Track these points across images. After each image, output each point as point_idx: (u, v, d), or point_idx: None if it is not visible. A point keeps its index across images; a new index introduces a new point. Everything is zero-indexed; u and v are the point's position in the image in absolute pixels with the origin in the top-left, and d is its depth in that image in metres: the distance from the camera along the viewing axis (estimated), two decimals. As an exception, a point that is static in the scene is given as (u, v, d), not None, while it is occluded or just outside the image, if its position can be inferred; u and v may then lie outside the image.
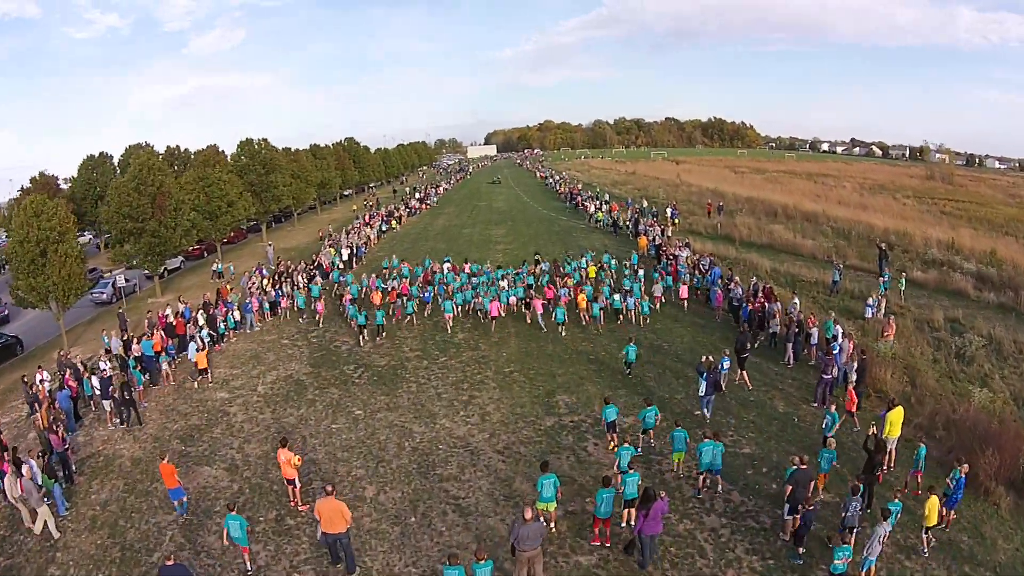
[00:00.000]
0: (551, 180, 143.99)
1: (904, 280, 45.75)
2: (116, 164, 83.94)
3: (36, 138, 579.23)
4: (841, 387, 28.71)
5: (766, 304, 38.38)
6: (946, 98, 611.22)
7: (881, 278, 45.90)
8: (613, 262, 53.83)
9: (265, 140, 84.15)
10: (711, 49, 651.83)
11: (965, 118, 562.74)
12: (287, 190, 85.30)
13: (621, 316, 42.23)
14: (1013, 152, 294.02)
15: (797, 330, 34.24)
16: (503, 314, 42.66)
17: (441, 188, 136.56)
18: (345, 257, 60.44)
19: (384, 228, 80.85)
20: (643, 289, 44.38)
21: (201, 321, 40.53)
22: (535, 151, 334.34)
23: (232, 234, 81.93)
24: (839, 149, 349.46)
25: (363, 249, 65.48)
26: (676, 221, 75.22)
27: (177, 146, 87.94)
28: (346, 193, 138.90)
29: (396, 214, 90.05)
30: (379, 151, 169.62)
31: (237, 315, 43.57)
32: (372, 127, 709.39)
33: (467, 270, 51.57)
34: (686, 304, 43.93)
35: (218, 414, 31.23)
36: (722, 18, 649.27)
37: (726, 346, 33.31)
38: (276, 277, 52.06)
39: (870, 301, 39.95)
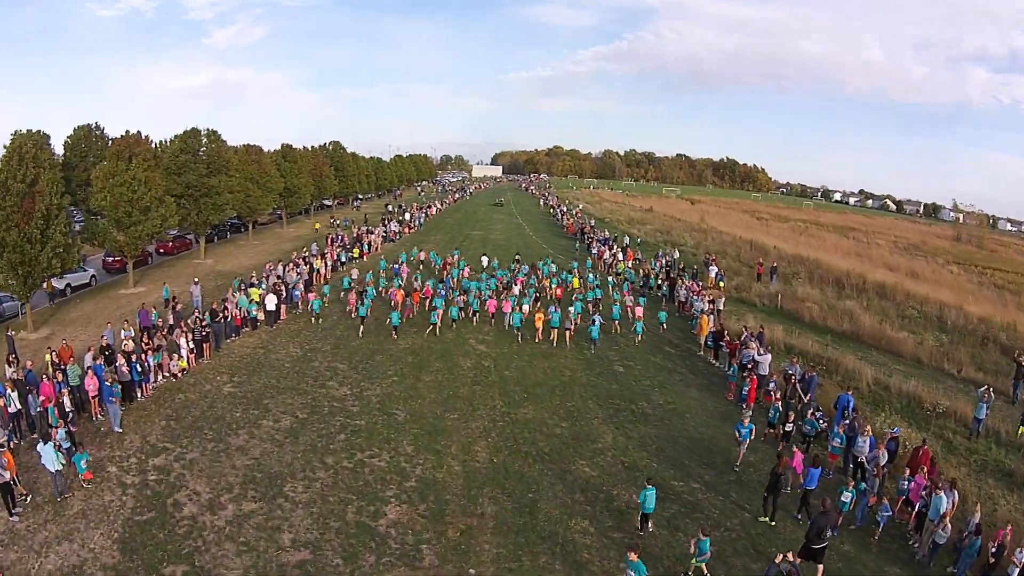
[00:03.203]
0: (557, 212, 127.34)
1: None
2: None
3: (46, 113, 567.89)
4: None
5: (932, 488, 22.46)
6: (952, 157, 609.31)
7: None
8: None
9: (214, 132, 67.53)
10: (725, 94, 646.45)
11: (970, 178, 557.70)
12: (234, 197, 68.66)
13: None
14: (1017, 214, 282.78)
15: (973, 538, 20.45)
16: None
17: (433, 209, 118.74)
18: (271, 306, 43.46)
19: (344, 259, 63.95)
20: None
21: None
22: (541, 176, 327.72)
23: (169, 245, 68.81)
24: (852, 200, 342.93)
25: (296, 293, 47.79)
26: (722, 284, 59.50)
27: (94, 124, 69.30)
28: (326, 203, 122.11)
29: (365, 240, 73.01)
30: (372, 159, 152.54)
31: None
32: (380, 136, 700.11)
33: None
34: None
35: None
36: (738, 66, 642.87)
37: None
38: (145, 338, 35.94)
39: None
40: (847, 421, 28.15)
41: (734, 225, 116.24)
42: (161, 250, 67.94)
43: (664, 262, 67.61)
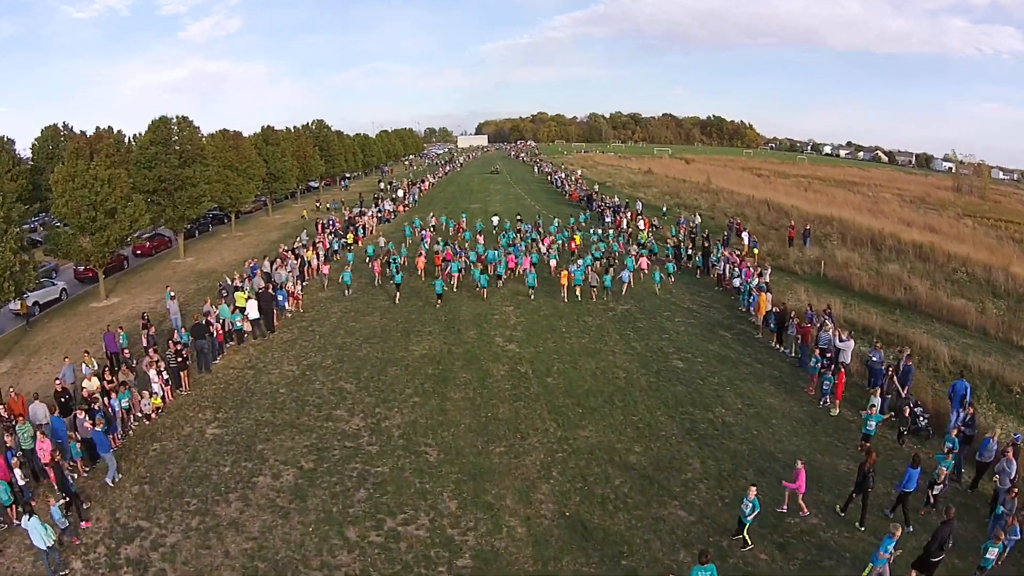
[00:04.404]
0: (556, 178, 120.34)
1: None
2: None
3: (30, 116, 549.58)
4: None
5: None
6: (937, 107, 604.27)
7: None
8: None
9: (185, 119, 60.37)
10: (703, 52, 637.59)
11: (955, 127, 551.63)
12: (212, 188, 61.65)
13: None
14: (1007, 162, 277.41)
15: None
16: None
17: (425, 184, 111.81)
18: (254, 314, 36.68)
19: (337, 247, 57.01)
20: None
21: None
22: (528, 143, 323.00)
23: (147, 245, 62.66)
24: (842, 153, 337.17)
25: (284, 302, 40.37)
26: (756, 251, 53.37)
27: (62, 124, 63.16)
28: (313, 185, 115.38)
29: (358, 223, 65.97)
30: (357, 137, 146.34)
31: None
32: (362, 117, 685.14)
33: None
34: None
35: None
36: (713, 24, 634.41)
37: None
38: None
39: None
40: (964, 416, 23.16)
41: (739, 183, 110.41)
42: (138, 251, 61.69)
43: (687, 229, 61.21)
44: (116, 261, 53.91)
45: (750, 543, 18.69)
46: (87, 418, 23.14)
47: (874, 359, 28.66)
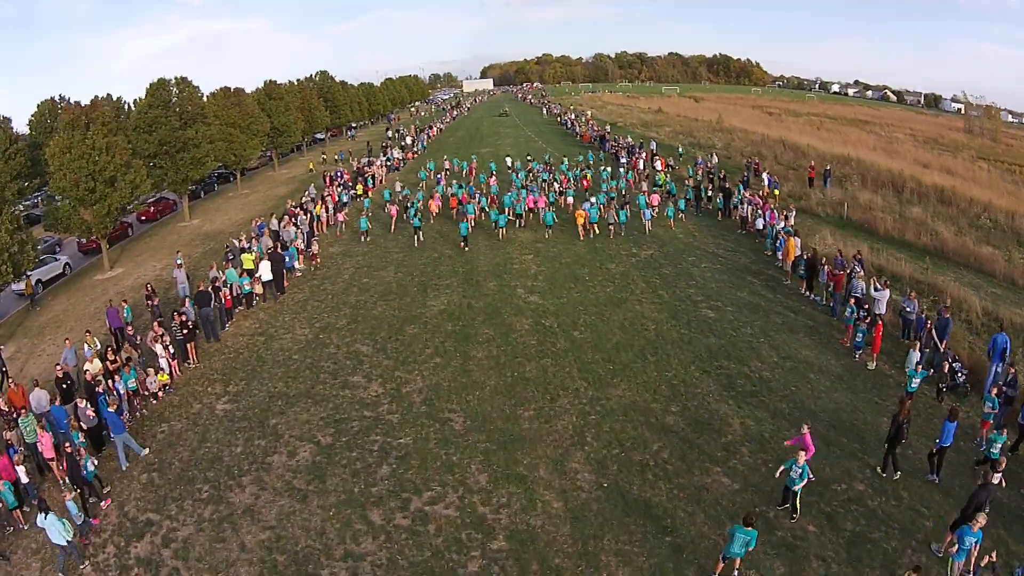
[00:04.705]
0: (566, 119, 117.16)
1: None
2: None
3: (32, 93, 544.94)
4: None
5: None
6: (945, 46, 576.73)
7: None
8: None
9: (184, 79, 58.21)
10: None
11: (963, 67, 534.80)
12: (214, 148, 59.70)
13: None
14: (1015, 106, 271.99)
15: None
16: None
17: (433, 130, 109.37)
18: (267, 275, 35.07)
19: (346, 200, 54.58)
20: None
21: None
22: (535, 85, 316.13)
23: (151, 210, 60.78)
24: (851, 92, 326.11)
25: (292, 261, 38.52)
26: (776, 192, 51.25)
27: (59, 97, 60.95)
28: (319, 137, 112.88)
29: (367, 173, 63.91)
30: (362, 86, 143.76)
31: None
32: (365, 66, 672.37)
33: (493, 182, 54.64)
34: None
35: None
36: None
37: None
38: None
39: None
40: (1007, 377, 21.32)
41: (751, 122, 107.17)
42: (143, 217, 60.00)
43: (704, 169, 59.16)
44: (120, 229, 52.59)
45: (798, 512, 17.39)
46: (88, 406, 21.82)
47: (908, 309, 27.08)
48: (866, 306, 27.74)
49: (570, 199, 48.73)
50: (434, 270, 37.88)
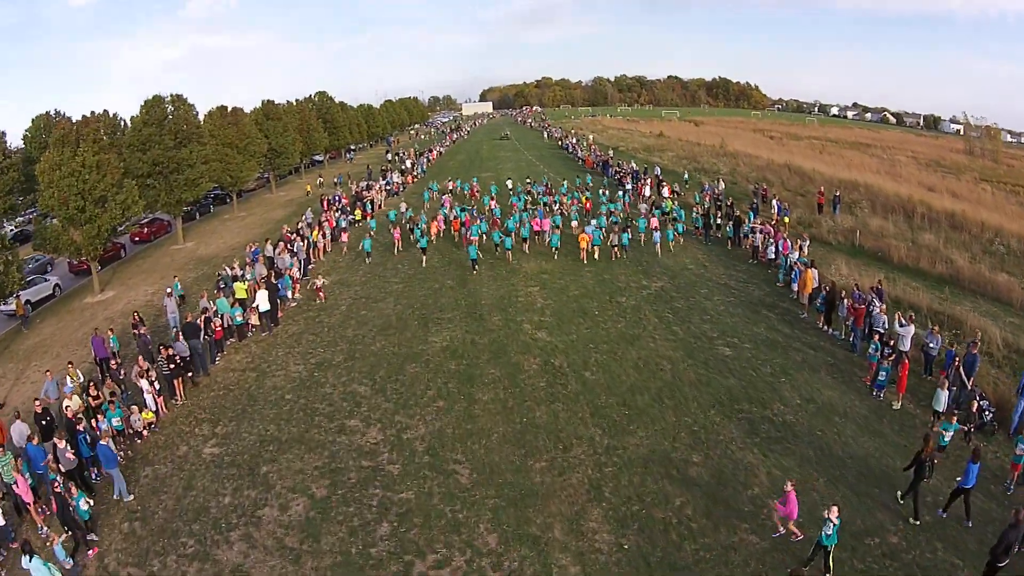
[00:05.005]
0: (567, 143, 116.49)
1: None
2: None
3: (36, 106, 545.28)
4: None
5: None
6: (942, 67, 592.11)
7: None
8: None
9: (179, 97, 56.88)
10: (709, 9, 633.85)
11: (960, 88, 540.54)
12: (209, 168, 58.31)
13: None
14: (1013, 126, 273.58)
15: None
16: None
17: (433, 153, 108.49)
18: (264, 306, 33.25)
19: (344, 224, 52.85)
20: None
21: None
22: (535, 108, 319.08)
23: (144, 231, 59.93)
24: (850, 114, 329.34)
25: (285, 291, 36.83)
26: (787, 219, 49.86)
27: (54, 111, 59.74)
28: (318, 159, 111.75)
29: (366, 197, 62.40)
30: (361, 108, 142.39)
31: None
32: (364, 86, 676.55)
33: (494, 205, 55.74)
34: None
35: None
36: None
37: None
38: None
39: None
40: None
41: (754, 146, 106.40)
42: (136, 238, 58.77)
43: (712, 196, 57.88)
44: (113, 250, 51.21)
45: (831, 572, 15.99)
46: (68, 447, 20.22)
47: (931, 345, 25.85)
48: (890, 342, 26.34)
49: (574, 222, 48.93)
50: (435, 302, 36.36)
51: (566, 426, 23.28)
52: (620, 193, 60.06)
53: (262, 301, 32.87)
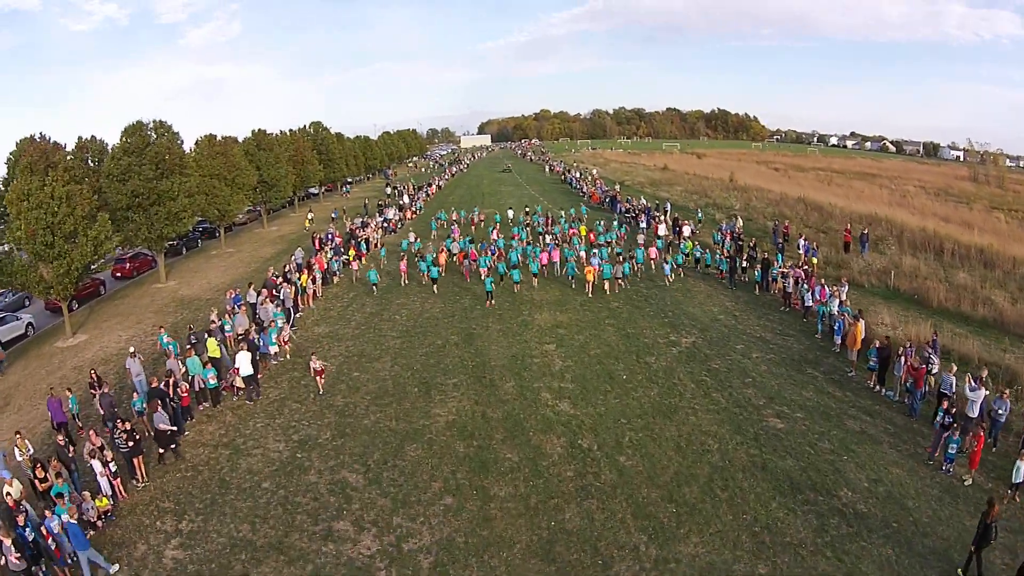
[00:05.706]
0: (571, 177, 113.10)
1: None
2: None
3: (36, 129, 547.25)
4: None
5: None
6: (938, 93, 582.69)
7: None
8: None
9: (163, 124, 52.86)
10: (705, 43, 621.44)
11: (957, 114, 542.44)
12: (193, 201, 53.96)
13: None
14: (1010, 149, 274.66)
15: None
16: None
17: (432, 187, 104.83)
18: (246, 369, 28.74)
19: (336, 268, 49.04)
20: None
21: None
22: (533, 141, 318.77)
23: (127, 267, 56.24)
24: (849, 144, 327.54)
25: (267, 347, 32.70)
26: (815, 260, 46.36)
27: (38, 135, 55.42)
28: (313, 192, 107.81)
29: (361, 236, 58.16)
30: (358, 139, 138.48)
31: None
32: (362, 118, 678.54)
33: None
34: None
35: None
36: (714, 14, 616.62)
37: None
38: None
39: None
40: None
41: (762, 179, 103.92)
42: (118, 274, 54.84)
43: (732, 235, 53.80)
44: (92, 287, 47.68)
45: None
46: (12, 548, 16.37)
47: (1000, 412, 22.84)
48: (952, 409, 22.83)
49: (582, 253, 48.19)
50: (438, 363, 31.95)
51: (604, 532, 19.04)
52: (616, 223, 58.83)
53: (243, 364, 28.47)
